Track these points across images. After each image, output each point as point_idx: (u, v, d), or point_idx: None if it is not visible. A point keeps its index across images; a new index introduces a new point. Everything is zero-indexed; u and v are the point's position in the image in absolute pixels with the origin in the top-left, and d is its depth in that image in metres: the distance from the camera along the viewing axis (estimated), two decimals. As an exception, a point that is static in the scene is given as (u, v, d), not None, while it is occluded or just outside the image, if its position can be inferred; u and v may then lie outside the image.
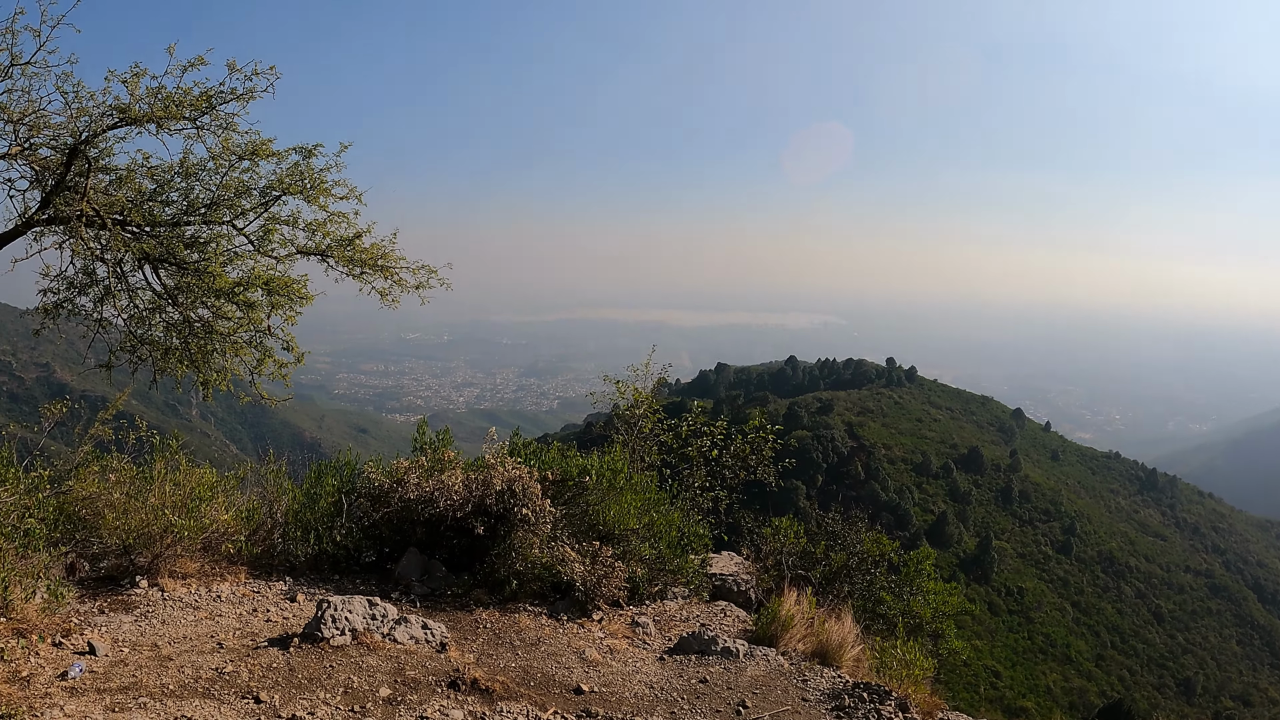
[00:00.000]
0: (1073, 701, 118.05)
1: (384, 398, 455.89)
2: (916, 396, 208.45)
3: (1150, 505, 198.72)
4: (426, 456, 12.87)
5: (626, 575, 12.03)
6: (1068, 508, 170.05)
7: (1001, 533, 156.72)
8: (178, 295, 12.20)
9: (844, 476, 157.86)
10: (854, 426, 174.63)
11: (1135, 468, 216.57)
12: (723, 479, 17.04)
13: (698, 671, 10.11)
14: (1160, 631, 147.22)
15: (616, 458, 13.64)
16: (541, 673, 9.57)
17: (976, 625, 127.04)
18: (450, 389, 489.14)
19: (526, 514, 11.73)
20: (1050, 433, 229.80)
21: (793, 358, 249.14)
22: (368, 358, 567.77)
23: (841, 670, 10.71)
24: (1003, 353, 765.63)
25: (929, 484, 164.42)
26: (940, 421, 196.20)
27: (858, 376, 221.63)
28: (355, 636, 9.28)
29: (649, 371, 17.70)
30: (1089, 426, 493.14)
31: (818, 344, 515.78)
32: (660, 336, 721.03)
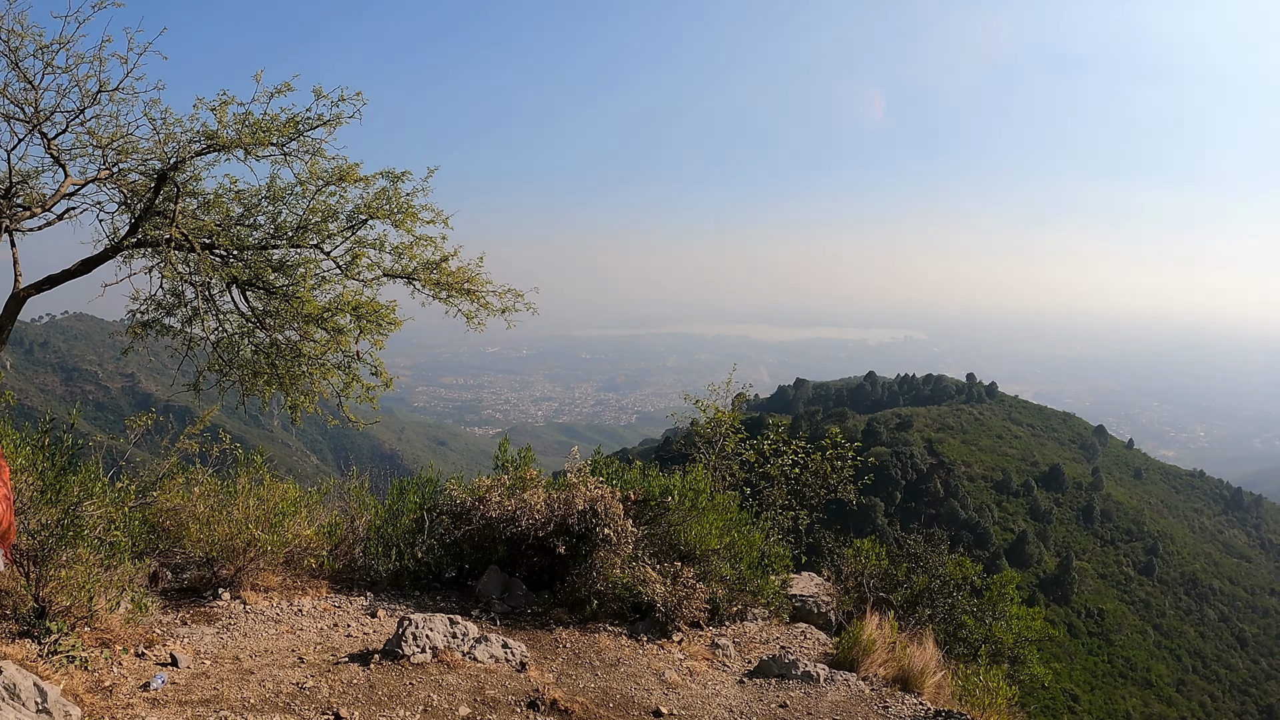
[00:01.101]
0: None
1: (463, 410, 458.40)
2: (997, 413, 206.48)
3: (1235, 525, 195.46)
4: (509, 474, 12.93)
5: (707, 596, 11.96)
6: (1150, 527, 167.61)
7: (1082, 553, 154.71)
8: (266, 318, 12.34)
9: (923, 494, 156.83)
10: (933, 443, 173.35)
11: (1220, 486, 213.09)
12: (803, 497, 16.94)
13: (777, 696, 10.03)
14: (1244, 657, 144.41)
15: (699, 477, 13.57)
16: (620, 694, 9.54)
17: (1055, 647, 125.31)
18: (529, 402, 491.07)
19: (608, 534, 11.74)
20: (1133, 450, 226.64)
21: (872, 373, 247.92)
22: (447, 370, 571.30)
23: (923, 697, 10.59)
24: (1085, 368, 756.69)
25: (1009, 502, 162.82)
26: (1020, 438, 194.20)
27: (937, 392, 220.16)
28: (436, 654, 9.32)
29: (730, 389, 17.64)
30: (1173, 444, 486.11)
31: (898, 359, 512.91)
32: (740, 351, 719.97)
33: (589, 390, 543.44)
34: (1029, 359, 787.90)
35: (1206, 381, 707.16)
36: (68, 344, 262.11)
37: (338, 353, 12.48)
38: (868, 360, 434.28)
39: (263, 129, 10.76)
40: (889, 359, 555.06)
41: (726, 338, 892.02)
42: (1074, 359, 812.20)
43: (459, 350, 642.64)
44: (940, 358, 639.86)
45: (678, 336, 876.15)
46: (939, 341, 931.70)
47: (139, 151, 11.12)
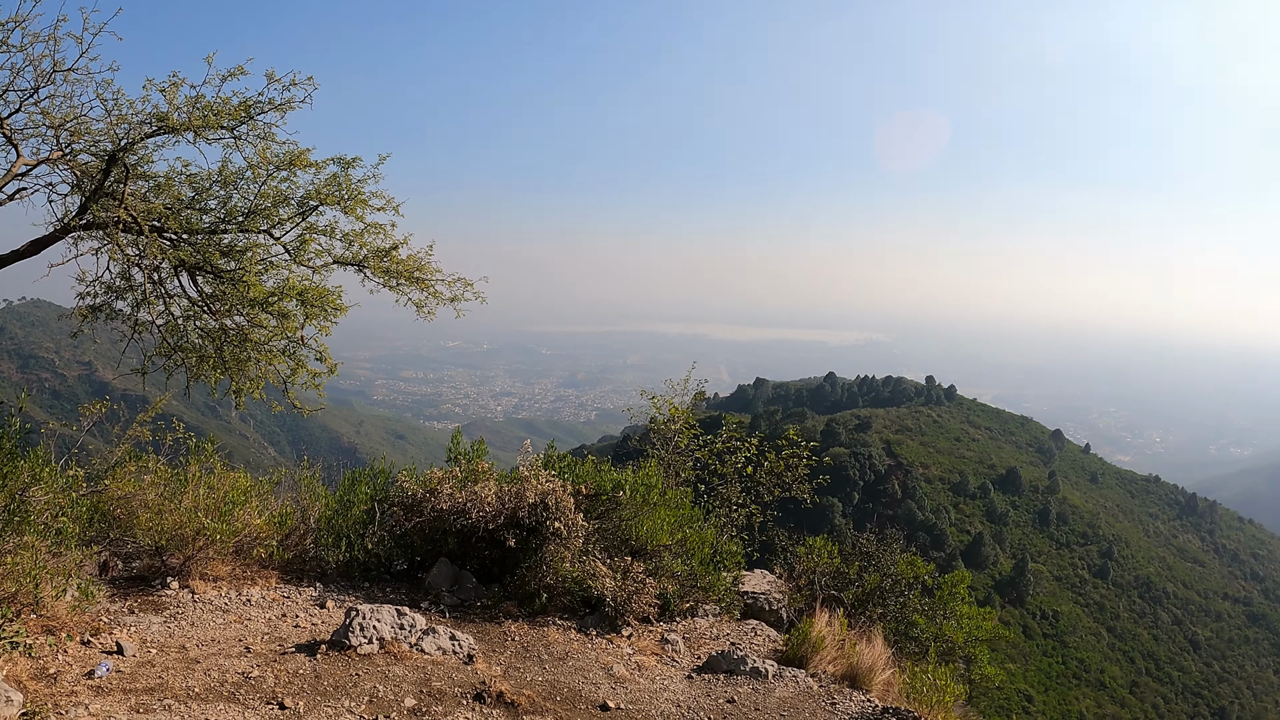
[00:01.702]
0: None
1: (422, 404, 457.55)
2: (955, 415, 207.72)
3: (1189, 530, 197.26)
4: (461, 467, 12.89)
5: (657, 591, 11.98)
6: (1105, 531, 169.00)
7: (1038, 555, 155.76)
8: (213, 303, 12.24)
9: (881, 495, 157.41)
10: (892, 444, 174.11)
11: (1175, 492, 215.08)
12: (757, 496, 16.94)
13: (726, 691, 10.04)
14: (1196, 659, 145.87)
15: (651, 473, 13.55)
16: (568, 687, 9.53)
17: (1010, 648, 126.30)
18: (488, 397, 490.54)
19: (559, 528, 11.69)
20: (1090, 455, 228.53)
21: (832, 374, 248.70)
22: (407, 364, 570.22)
23: (871, 694, 10.61)
24: (1044, 374, 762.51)
25: (966, 504, 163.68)
26: (979, 441, 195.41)
27: (897, 394, 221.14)
28: (383, 645, 9.28)
29: (686, 386, 17.62)
30: (1129, 449, 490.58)
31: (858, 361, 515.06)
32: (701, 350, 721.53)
33: (549, 386, 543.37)
34: (989, 363, 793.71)
35: (1164, 389, 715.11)
36: (25, 330, 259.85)
37: (283, 338, 12.39)
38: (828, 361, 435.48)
39: (214, 112, 10.66)
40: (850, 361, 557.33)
41: (689, 336, 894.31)
42: (1034, 364, 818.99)
43: (419, 344, 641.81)
44: (901, 360, 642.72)
45: (640, 334, 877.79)
46: (900, 344, 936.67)
47: (91, 133, 11.00)
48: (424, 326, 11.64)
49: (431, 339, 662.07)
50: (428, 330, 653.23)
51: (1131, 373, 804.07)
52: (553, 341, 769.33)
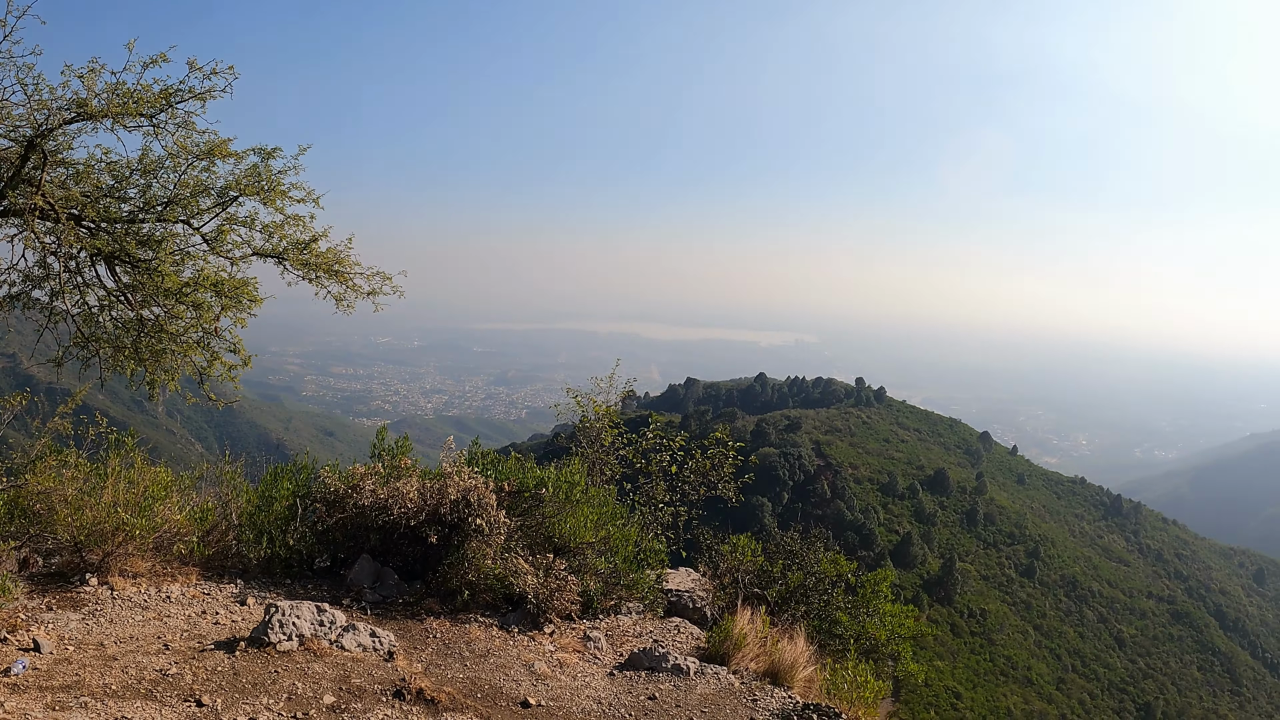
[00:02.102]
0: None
1: (352, 401, 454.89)
2: (885, 417, 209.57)
3: (1114, 531, 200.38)
4: (384, 463, 12.81)
5: (580, 589, 11.95)
6: (1032, 531, 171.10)
7: (965, 555, 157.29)
8: (130, 293, 12.08)
9: (810, 495, 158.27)
10: (821, 445, 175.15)
11: (1100, 493, 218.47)
12: (683, 495, 16.97)
13: (647, 688, 10.05)
14: (1121, 656, 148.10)
15: (574, 470, 13.52)
16: (489, 684, 9.49)
17: (939, 646, 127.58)
18: (419, 394, 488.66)
19: (480, 524, 11.62)
20: (1017, 456, 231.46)
21: (762, 375, 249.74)
22: (337, 360, 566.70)
23: (793, 691, 10.65)
24: (973, 377, 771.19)
25: (894, 504, 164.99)
26: (907, 442, 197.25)
27: (827, 395, 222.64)
28: (302, 642, 9.20)
29: (613, 384, 17.61)
30: (1056, 451, 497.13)
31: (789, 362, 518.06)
32: (633, 349, 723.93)
33: (480, 384, 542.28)
34: (919, 366, 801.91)
35: (1091, 393, 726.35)
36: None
37: (199, 330, 12.25)
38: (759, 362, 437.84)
39: (133, 99, 10.52)
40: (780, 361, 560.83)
41: (621, 335, 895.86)
42: (963, 367, 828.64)
43: (350, 340, 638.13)
44: (831, 362, 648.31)
45: (572, 333, 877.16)
46: (831, 346, 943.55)
47: (10, 118, 10.83)
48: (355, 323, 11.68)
49: (362, 335, 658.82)
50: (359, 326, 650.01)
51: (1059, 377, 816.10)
52: (484, 339, 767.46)
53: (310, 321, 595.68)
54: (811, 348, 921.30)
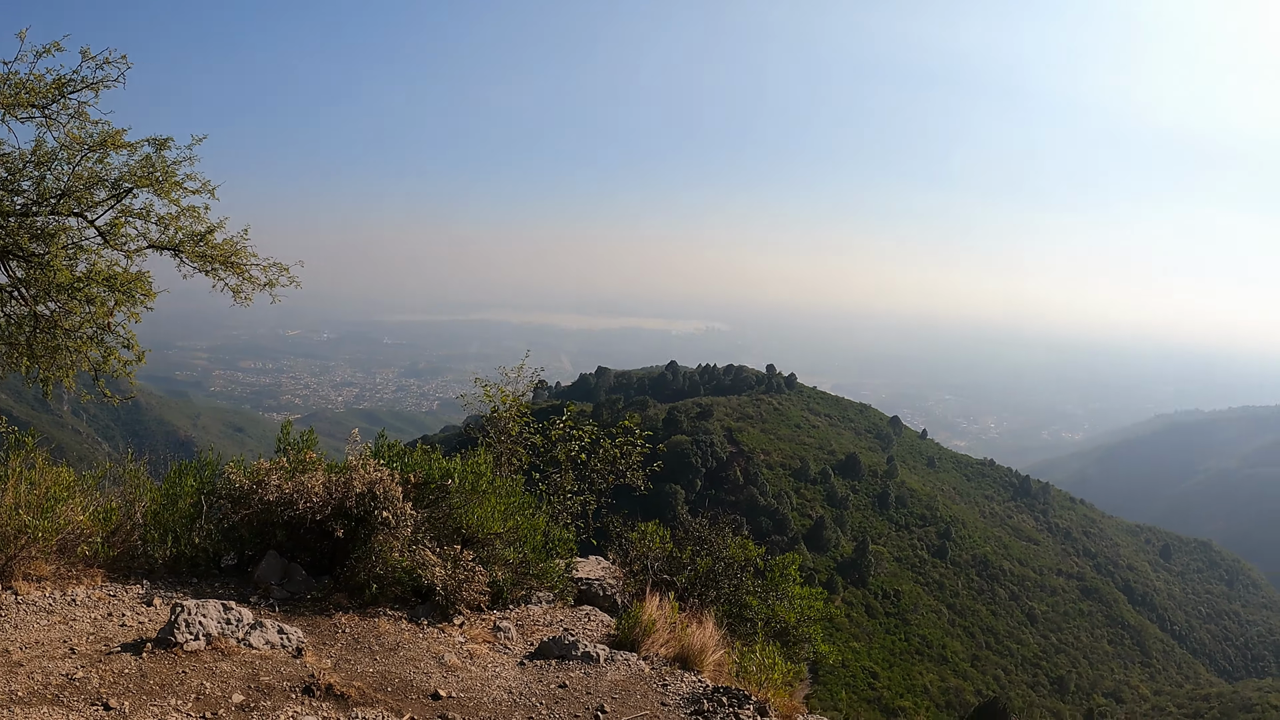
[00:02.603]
0: (949, 700, 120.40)
1: (262, 396, 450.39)
2: (795, 403, 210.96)
3: (1024, 511, 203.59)
4: (289, 457, 12.66)
5: (489, 579, 11.90)
6: (943, 513, 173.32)
7: (878, 537, 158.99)
8: (24, 288, 11.88)
9: (723, 481, 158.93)
10: (733, 432, 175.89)
11: (1009, 475, 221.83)
12: (591, 483, 17.00)
13: (557, 676, 10.07)
14: (1034, 632, 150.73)
15: (480, 460, 13.47)
16: (399, 678, 9.46)
17: (854, 627, 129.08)
18: (329, 388, 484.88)
19: (387, 517, 11.53)
20: (927, 440, 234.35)
21: (673, 363, 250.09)
22: (246, 354, 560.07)
23: (703, 675, 10.73)
24: (883, 362, 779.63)
25: (807, 489, 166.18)
26: (819, 428, 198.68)
27: (738, 382, 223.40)
28: (209, 641, 9.11)
29: (521, 375, 17.58)
30: (965, 435, 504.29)
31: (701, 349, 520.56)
32: (544, 339, 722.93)
33: (391, 376, 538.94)
34: (829, 352, 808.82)
35: (999, 377, 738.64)
36: None
37: (92, 325, 12.06)
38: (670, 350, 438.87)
39: (25, 90, 10.36)
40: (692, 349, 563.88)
41: (531, 326, 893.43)
42: (872, 353, 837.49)
43: (258, 333, 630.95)
44: (743, 349, 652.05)
45: (482, 324, 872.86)
46: (742, 333, 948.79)
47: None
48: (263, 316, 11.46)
49: (270, 328, 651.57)
50: (267, 319, 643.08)
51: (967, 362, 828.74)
52: (395, 331, 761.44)
53: (217, 315, 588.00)
54: (723, 335, 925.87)
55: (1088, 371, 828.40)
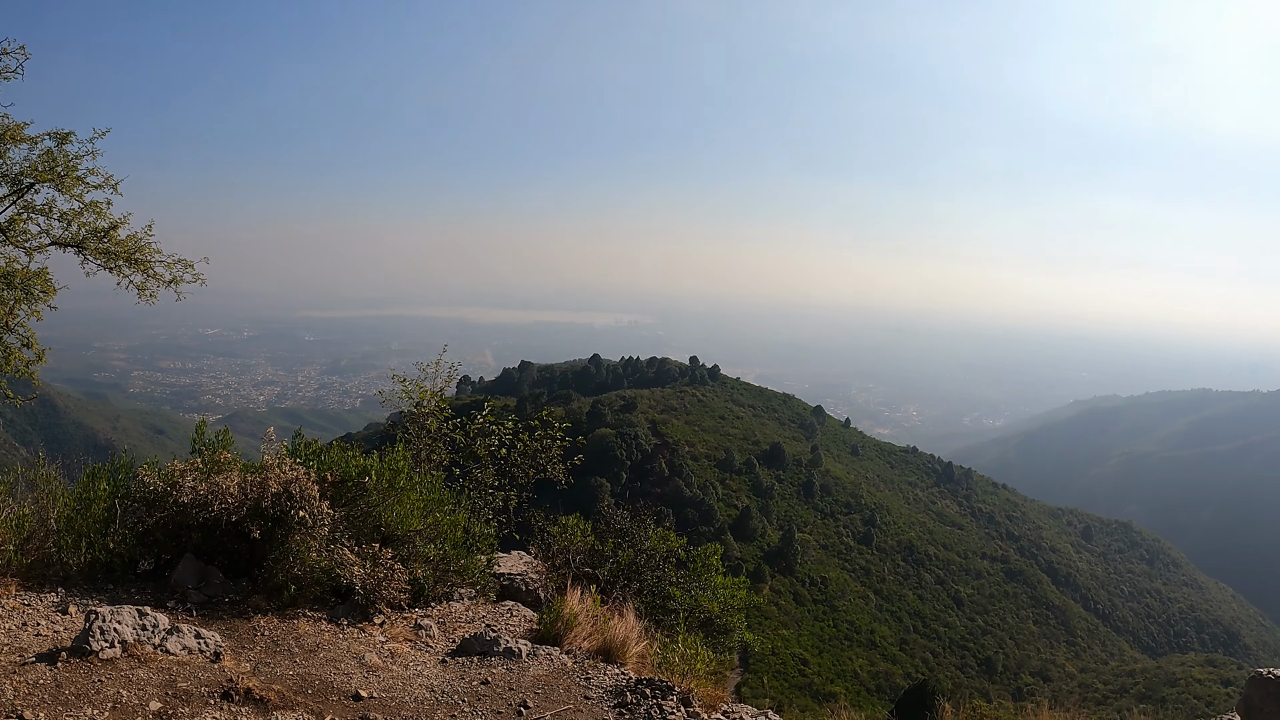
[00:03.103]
0: (879, 684, 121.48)
1: (182, 396, 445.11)
2: (719, 394, 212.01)
3: (947, 496, 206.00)
4: (203, 458, 12.48)
5: (408, 577, 11.81)
6: (868, 500, 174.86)
7: (804, 525, 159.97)
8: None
9: (649, 474, 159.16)
10: (658, 424, 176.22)
11: (932, 461, 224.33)
12: (512, 478, 16.94)
13: (480, 673, 10.04)
14: (960, 615, 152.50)
15: (398, 457, 13.35)
16: (320, 679, 9.38)
17: (783, 615, 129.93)
18: (250, 387, 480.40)
19: (304, 516, 11.40)
20: (850, 429, 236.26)
21: (596, 356, 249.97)
22: (165, 354, 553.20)
23: (626, 667, 10.75)
24: (806, 352, 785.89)
25: (732, 479, 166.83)
26: (743, 419, 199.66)
27: (661, 375, 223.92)
28: (126, 649, 8.98)
29: (439, 370, 17.48)
30: (888, 423, 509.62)
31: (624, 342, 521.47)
32: (467, 334, 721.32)
33: (314, 374, 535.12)
34: (752, 343, 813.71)
35: (920, 365, 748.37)
36: None
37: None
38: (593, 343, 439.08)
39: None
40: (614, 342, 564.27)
41: (454, 320, 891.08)
42: (796, 344, 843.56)
43: (177, 333, 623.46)
44: (665, 341, 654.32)
45: (404, 319, 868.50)
46: (664, 325, 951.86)
47: None
48: (182, 314, 11.24)
49: (190, 327, 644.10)
50: (186, 318, 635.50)
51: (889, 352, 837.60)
52: (316, 327, 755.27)
53: (135, 315, 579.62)
54: (645, 328, 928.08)
55: (1007, 359, 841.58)
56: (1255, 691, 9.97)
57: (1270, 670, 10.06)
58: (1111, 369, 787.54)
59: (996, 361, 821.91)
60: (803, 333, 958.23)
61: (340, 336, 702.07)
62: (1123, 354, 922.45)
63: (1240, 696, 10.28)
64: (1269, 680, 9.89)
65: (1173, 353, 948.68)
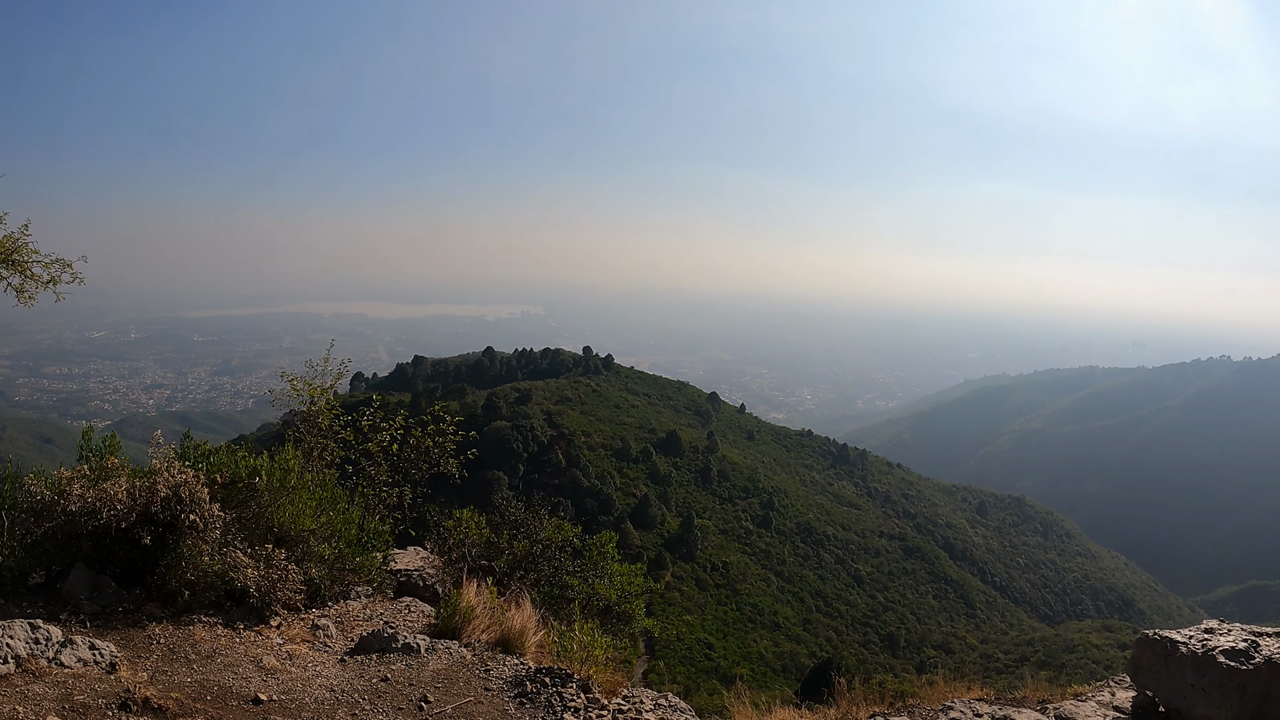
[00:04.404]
0: (784, 665, 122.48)
1: (69, 403, 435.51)
2: (614, 384, 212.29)
3: (844, 478, 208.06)
4: (90, 465, 12.27)
5: (303, 577, 11.73)
6: (765, 484, 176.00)
7: (703, 511, 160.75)
8: None
9: (546, 465, 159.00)
10: (553, 415, 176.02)
11: (827, 444, 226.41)
12: (406, 474, 16.87)
13: (379, 670, 10.06)
14: (861, 593, 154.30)
15: (288, 456, 13.22)
16: (218, 685, 9.31)
17: (686, 601, 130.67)
18: (139, 390, 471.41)
19: (194, 520, 11.22)
20: (745, 414, 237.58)
21: (490, 349, 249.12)
22: (50, 359, 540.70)
23: (525, 657, 10.84)
24: (699, 340, 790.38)
25: (629, 468, 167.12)
26: (638, 407, 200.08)
27: (555, 366, 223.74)
28: (19, 664, 8.84)
29: (328, 367, 17.32)
30: (782, 407, 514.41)
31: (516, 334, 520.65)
32: (357, 329, 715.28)
33: (204, 375, 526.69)
34: (644, 332, 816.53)
35: (812, 350, 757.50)
36: None
37: None
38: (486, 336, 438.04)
39: None
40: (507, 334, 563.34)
41: (344, 316, 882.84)
42: (687, 332, 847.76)
43: (61, 336, 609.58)
44: (557, 332, 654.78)
45: (293, 316, 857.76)
46: (555, 316, 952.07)
47: None
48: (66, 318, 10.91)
49: (74, 330, 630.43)
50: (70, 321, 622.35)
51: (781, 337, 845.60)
52: (203, 326, 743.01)
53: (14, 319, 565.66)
54: (537, 319, 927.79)
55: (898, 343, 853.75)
56: (1143, 652, 10.29)
57: (1156, 631, 10.39)
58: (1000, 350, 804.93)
59: (888, 345, 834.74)
60: (696, 321, 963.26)
61: (230, 335, 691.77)
62: (1011, 336, 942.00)
63: (1129, 658, 10.61)
64: (1155, 641, 10.21)
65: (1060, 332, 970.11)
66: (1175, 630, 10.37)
